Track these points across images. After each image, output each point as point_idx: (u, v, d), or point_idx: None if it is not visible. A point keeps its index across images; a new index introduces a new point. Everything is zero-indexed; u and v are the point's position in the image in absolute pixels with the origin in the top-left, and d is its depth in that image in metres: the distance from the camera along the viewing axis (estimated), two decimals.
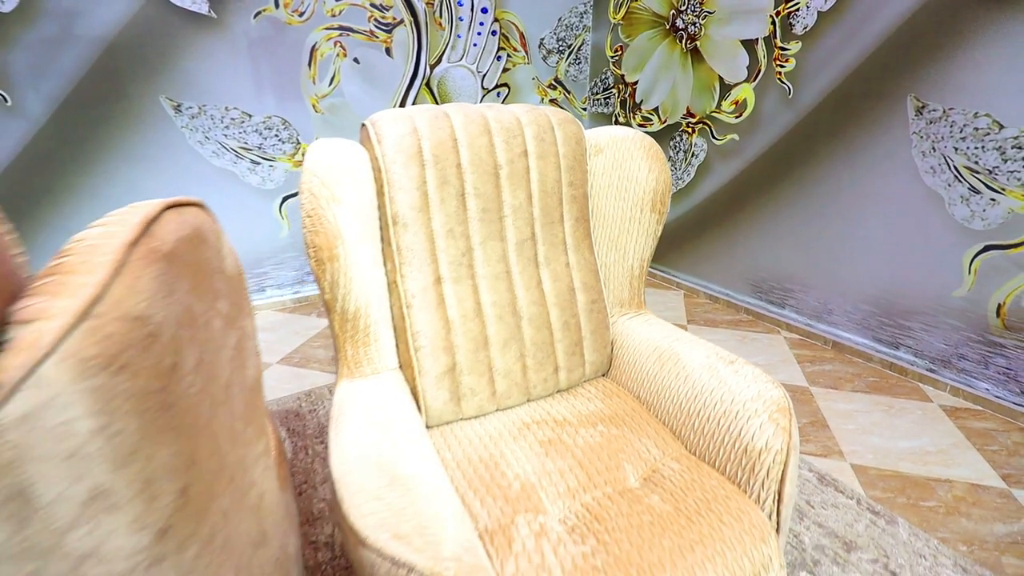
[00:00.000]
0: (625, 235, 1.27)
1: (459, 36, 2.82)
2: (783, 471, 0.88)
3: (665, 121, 2.94)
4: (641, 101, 3.06)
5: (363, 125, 1.07)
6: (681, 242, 3.02)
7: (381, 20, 2.60)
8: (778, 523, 0.88)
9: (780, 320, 2.53)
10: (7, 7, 1.99)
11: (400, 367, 1.09)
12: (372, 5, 2.55)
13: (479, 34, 2.88)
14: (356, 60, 2.60)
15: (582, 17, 3.20)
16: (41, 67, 2.08)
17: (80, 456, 0.32)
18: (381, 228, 1.06)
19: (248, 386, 0.58)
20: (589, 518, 0.86)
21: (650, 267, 3.25)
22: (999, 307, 1.83)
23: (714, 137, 2.68)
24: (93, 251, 0.35)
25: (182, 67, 2.28)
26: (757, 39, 2.37)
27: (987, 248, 1.83)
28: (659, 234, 1.29)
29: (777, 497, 0.88)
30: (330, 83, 2.59)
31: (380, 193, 1.04)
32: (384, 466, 0.78)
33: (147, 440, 0.36)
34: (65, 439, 0.31)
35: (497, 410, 1.15)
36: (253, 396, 0.60)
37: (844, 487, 1.53)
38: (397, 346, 1.09)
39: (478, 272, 1.13)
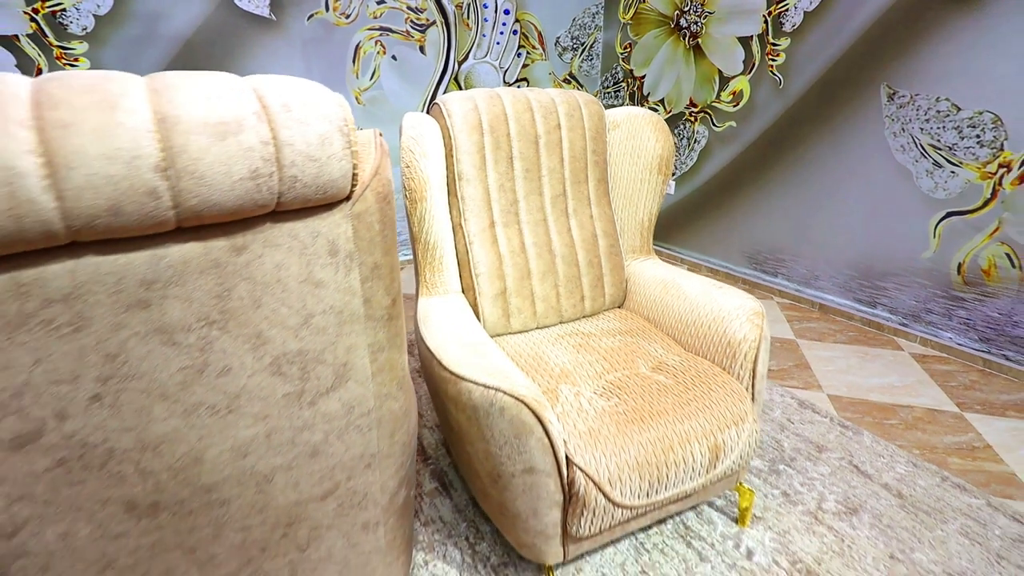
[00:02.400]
0: (637, 193, 1.58)
1: (484, 35, 3.14)
2: (756, 354, 1.18)
3: (670, 111, 3.24)
4: (648, 93, 3.36)
5: (435, 103, 1.38)
6: (685, 221, 3.32)
7: (416, 21, 2.92)
8: (753, 392, 1.18)
9: (773, 287, 2.83)
10: (103, 10, 2.32)
11: (463, 291, 1.40)
12: (409, 8, 2.87)
13: (502, 33, 3.19)
14: (394, 57, 2.92)
15: (594, 17, 3.51)
16: (129, 62, 2.41)
17: (373, 241, 0.64)
18: (448, 183, 1.38)
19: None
20: (613, 388, 1.17)
21: (656, 246, 3.55)
22: (959, 266, 2.12)
23: (714, 124, 2.97)
24: (366, 145, 0.67)
25: (246, 63, 2.60)
26: (752, 36, 2.67)
27: (949, 215, 2.12)
28: (664, 193, 1.59)
29: (752, 373, 1.18)
30: (371, 78, 2.91)
31: (448, 155, 1.35)
32: (467, 344, 1.09)
33: (391, 246, 0.67)
34: (370, 230, 0.63)
35: (537, 328, 1.46)
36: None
37: (820, 410, 1.83)
38: (460, 275, 1.40)
39: (522, 219, 1.44)
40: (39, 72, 2.32)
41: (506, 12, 3.15)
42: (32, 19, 2.25)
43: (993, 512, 1.41)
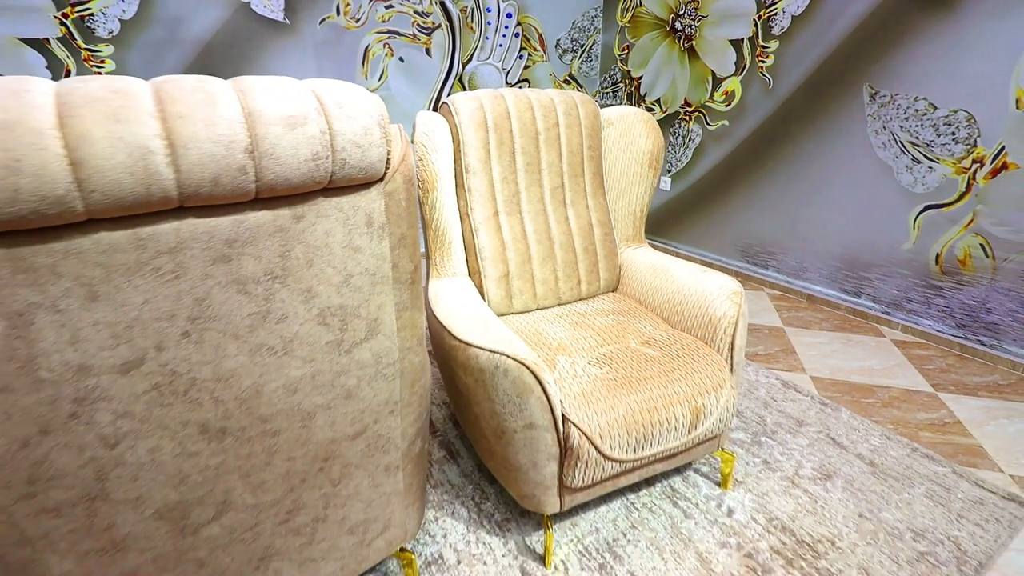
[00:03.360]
0: (630, 186, 1.71)
1: (487, 38, 3.27)
2: (735, 329, 1.31)
3: (666, 111, 3.37)
4: (645, 93, 3.49)
5: (444, 103, 1.51)
6: (680, 217, 3.45)
7: (423, 25, 3.05)
8: (731, 363, 1.31)
9: (764, 279, 2.95)
10: (128, 15, 2.46)
11: (469, 274, 1.53)
12: (415, 12, 3.00)
13: (504, 36, 3.32)
14: (401, 59, 3.05)
15: (593, 20, 3.64)
16: (151, 65, 2.55)
17: (400, 216, 0.77)
18: (456, 175, 1.51)
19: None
20: (605, 359, 1.29)
21: (652, 240, 3.67)
22: (937, 256, 2.25)
23: (708, 123, 3.10)
24: (396, 135, 0.80)
25: (261, 65, 2.74)
26: (743, 39, 2.79)
27: (927, 208, 2.24)
28: (655, 186, 1.72)
29: (731, 346, 1.31)
30: (379, 79, 3.04)
31: (456, 150, 1.48)
32: (476, 317, 1.22)
33: (414, 220, 0.80)
34: (398, 206, 0.76)
35: (537, 308, 1.59)
36: None
37: (802, 389, 1.96)
38: (467, 259, 1.53)
39: (524, 209, 1.57)
40: (68, 73, 2.46)
41: (508, 15, 3.29)
42: (62, 23, 2.39)
43: (957, 478, 1.53)
